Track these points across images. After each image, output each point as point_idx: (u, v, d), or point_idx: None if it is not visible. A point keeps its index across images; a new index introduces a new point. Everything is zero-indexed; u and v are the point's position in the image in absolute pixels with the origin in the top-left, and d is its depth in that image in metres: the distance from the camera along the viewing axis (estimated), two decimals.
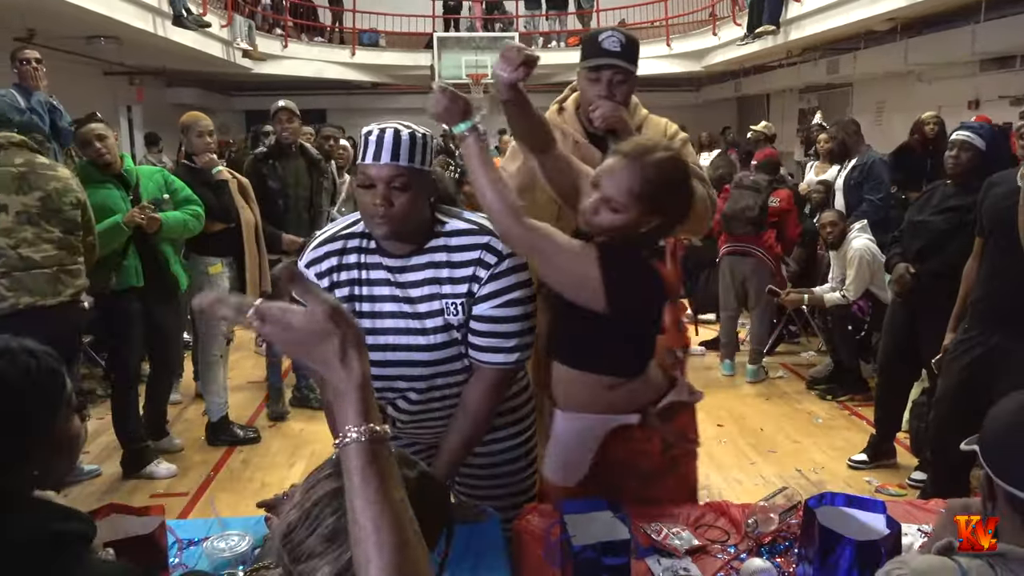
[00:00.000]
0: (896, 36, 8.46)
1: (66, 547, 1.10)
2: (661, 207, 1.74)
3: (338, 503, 0.99)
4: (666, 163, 1.74)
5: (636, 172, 1.72)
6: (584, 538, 1.58)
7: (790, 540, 1.79)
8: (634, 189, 1.71)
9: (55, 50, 8.04)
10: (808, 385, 5.28)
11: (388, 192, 1.72)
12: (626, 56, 2.21)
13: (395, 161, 1.72)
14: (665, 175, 1.74)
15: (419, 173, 1.76)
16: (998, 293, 2.91)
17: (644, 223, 1.75)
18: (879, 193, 5.26)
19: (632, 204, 1.72)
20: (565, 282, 1.77)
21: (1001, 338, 2.89)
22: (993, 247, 2.94)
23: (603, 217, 1.75)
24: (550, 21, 14.62)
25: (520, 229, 1.72)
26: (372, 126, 1.77)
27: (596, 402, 1.86)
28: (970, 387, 2.91)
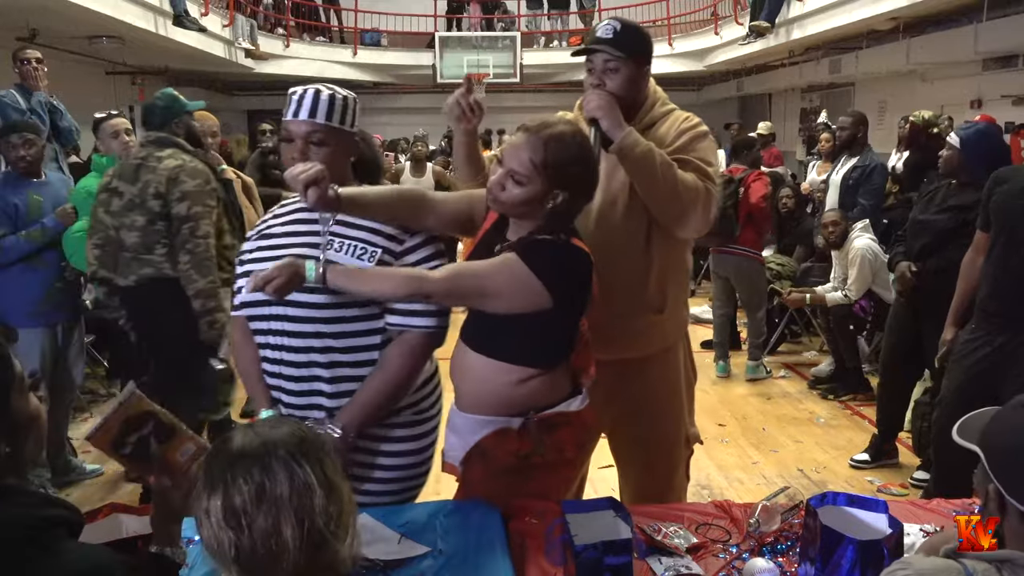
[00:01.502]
0: (898, 35, 8.45)
1: (44, 531, 1.14)
2: (563, 179, 1.76)
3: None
4: (565, 135, 1.78)
5: (536, 143, 1.75)
6: (586, 537, 1.58)
7: (792, 540, 1.79)
8: (535, 159, 1.74)
9: (57, 50, 8.05)
10: (810, 385, 5.28)
11: (305, 148, 1.81)
12: (618, 43, 2.15)
13: (312, 118, 1.81)
14: (564, 146, 1.76)
15: (337, 132, 1.84)
16: (1005, 292, 2.89)
17: (549, 196, 1.76)
18: (872, 200, 5.24)
19: (535, 175, 1.75)
20: (510, 299, 1.75)
21: (1007, 339, 2.87)
22: (1000, 245, 2.92)
23: (509, 192, 1.77)
24: (552, 21, 14.61)
25: (438, 287, 1.75)
26: (298, 87, 1.85)
27: (499, 397, 1.83)
28: (975, 388, 2.89)
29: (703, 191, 2.13)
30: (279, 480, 1.07)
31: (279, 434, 1.13)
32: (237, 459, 1.09)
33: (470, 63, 13.20)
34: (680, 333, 2.46)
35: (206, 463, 1.13)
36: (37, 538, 1.12)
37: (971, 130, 3.52)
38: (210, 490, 1.08)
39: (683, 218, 2.14)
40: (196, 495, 1.11)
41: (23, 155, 3.58)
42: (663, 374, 2.38)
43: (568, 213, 1.82)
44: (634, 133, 2.09)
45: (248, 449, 1.10)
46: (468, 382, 1.88)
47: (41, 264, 3.61)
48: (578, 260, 1.81)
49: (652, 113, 2.28)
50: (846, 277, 4.97)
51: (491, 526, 1.77)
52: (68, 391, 3.92)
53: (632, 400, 2.29)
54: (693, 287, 8.24)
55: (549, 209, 1.78)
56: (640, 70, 2.21)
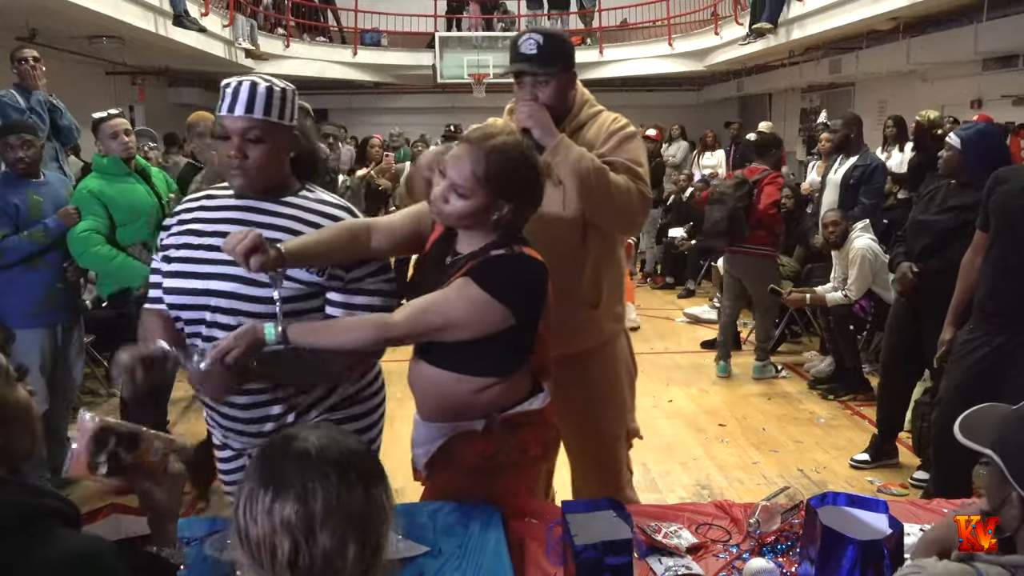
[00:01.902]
0: (898, 35, 8.45)
1: (37, 520, 1.14)
2: (506, 191, 1.74)
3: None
4: (507, 146, 1.75)
5: (478, 156, 1.72)
6: (586, 537, 1.58)
7: (792, 540, 1.79)
8: (477, 172, 1.71)
9: (57, 50, 8.05)
10: (810, 385, 5.28)
11: (243, 144, 1.74)
12: (542, 58, 2.20)
13: (249, 113, 1.73)
14: (506, 158, 1.74)
15: (275, 126, 1.76)
16: (1004, 292, 2.88)
17: (493, 209, 1.74)
18: (873, 199, 5.25)
19: (477, 188, 1.72)
20: (474, 328, 1.73)
21: (1006, 339, 2.86)
22: (999, 244, 2.91)
23: (452, 205, 1.74)
24: (552, 21, 14.60)
25: (402, 330, 1.73)
26: (231, 79, 1.77)
27: (459, 405, 1.82)
28: (974, 388, 2.86)
29: (635, 192, 2.21)
30: (356, 495, 1.03)
31: (353, 444, 1.09)
32: (314, 463, 1.03)
33: (470, 63, 13.19)
34: (618, 328, 2.50)
35: (266, 457, 1.07)
36: (29, 526, 1.13)
37: (971, 130, 3.53)
38: (277, 489, 1.02)
39: (617, 218, 2.23)
40: (248, 489, 1.04)
41: (21, 156, 3.58)
42: (602, 369, 2.42)
43: (516, 223, 1.80)
44: (566, 140, 2.17)
45: (327, 454, 1.04)
46: (427, 394, 1.87)
47: (42, 265, 3.61)
48: (535, 272, 1.79)
49: (580, 116, 2.33)
50: (846, 277, 4.97)
51: (491, 526, 1.77)
52: (68, 391, 3.92)
53: (572, 395, 2.27)
54: (693, 287, 8.25)
55: (495, 221, 1.76)
56: (568, 77, 2.27)
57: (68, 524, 1.20)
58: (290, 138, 1.82)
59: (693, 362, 5.94)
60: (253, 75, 1.77)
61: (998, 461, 1.28)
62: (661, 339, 6.63)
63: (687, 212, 8.52)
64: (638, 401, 5.07)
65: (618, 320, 2.50)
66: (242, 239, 1.62)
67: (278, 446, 1.08)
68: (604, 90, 15.06)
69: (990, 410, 1.44)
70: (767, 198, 5.33)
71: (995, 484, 1.31)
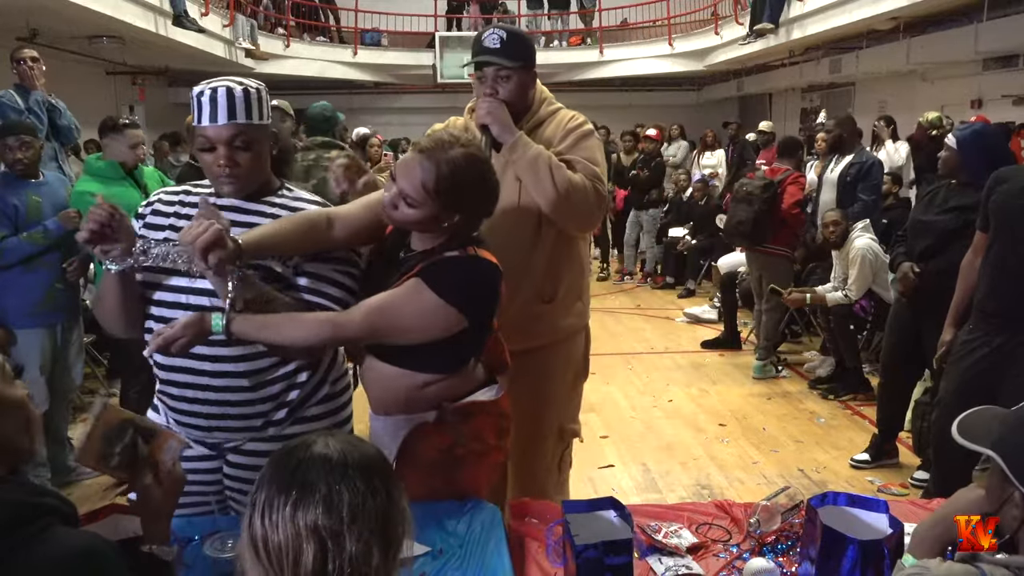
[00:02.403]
0: (899, 35, 8.46)
1: (35, 518, 1.14)
2: (457, 203, 1.72)
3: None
4: (459, 159, 1.71)
5: (428, 168, 1.70)
6: (586, 537, 1.58)
7: (792, 539, 1.79)
8: (427, 184, 1.69)
9: (58, 50, 8.06)
10: (810, 385, 5.28)
11: (231, 152, 1.72)
12: (506, 52, 2.21)
13: (233, 120, 1.70)
14: (458, 171, 1.71)
15: (259, 128, 1.76)
16: (1003, 292, 2.87)
17: (443, 218, 1.73)
18: (872, 195, 5.27)
19: (426, 199, 1.70)
20: (427, 331, 1.72)
21: (1006, 339, 2.85)
22: (999, 244, 2.90)
23: (401, 212, 1.73)
24: (552, 21, 14.61)
25: (356, 331, 1.72)
26: (202, 86, 1.73)
27: (407, 399, 1.82)
28: (973, 388, 2.86)
29: (591, 189, 2.22)
30: (380, 499, 1.02)
31: (371, 450, 1.08)
32: (338, 467, 1.02)
33: None
34: (575, 328, 2.48)
35: (283, 463, 1.04)
36: (28, 524, 1.13)
37: (967, 131, 3.53)
38: (301, 494, 0.99)
39: (572, 216, 2.24)
40: (265, 496, 1.01)
41: (20, 158, 3.59)
42: (547, 368, 2.41)
43: (467, 230, 1.79)
44: (524, 138, 2.18)
45: (350, 459, 1.03)
46: (377, 388, 1.87)
47: (41, 265, 3.61)
48: (487, 274, 1.78)
49: (539, 113, 2.35)
50: (846, 277, 4.97)
51: (492, 526, 1.77)
52: (68, 391, 3.92)
53: (518, 390, 2.19)
54: (693, 287, 8.24)
55: (446, 228, 1.75)
56: (529, 75, 2.29)
57: (66, 523, 1.20)
58: (270, 135, 1.82)
59: (693, 362, 5.94)
60: (222, 79, 1.74)
61: (999, 461, 1.28)
62: (661, 339, 6.63)
63: (687, 212, 8.52)
64: (638, 401, 5.15)
65: (577, 317, 2.48)
66: (202, 232, 1.57)
67: (296, 452, 1.06)
68: (604, 90, 15.08)
69: (988, 412, 1.44)
70: (790, 198, 5.34)
71: (996, 484, 1.31)
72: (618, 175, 8.93)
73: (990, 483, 1.35)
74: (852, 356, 5.01)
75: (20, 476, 1.28)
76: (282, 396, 1.84)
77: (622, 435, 4.49)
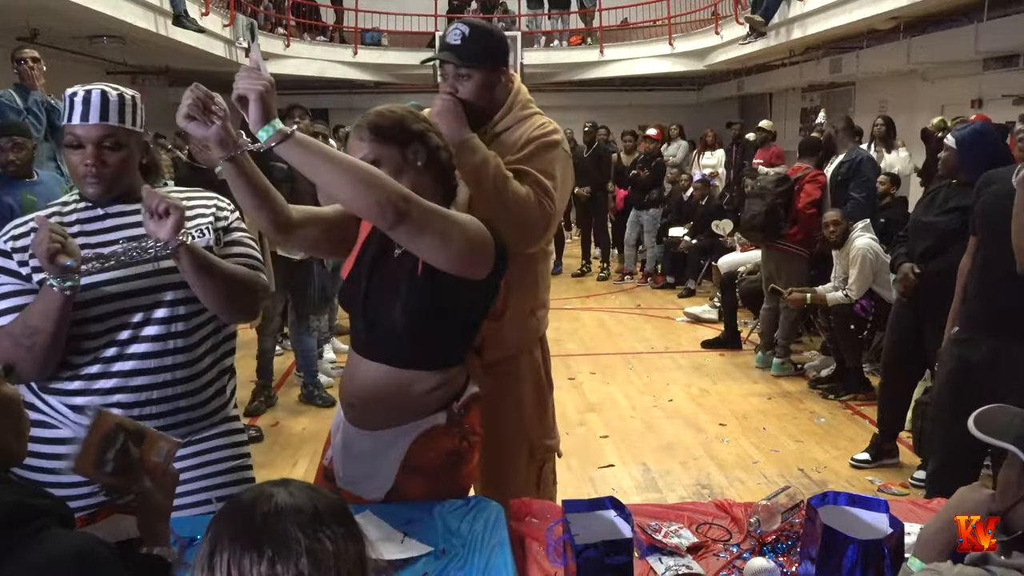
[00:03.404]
0: (899, 35, 8.45)
1: (30, 519, 1.15)
2: (406, 138, 1.75)
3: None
4: (392, 108, 1.79)
5: (363, 125, 1.75)
6: (586, 537, 1.58)
7: (793, 539, 1.79)
8: (364, 136, 1.73)
9: (58, 49, 8.06)
10: (811, 384, 5.28)
11: (100, 152, 1.75)
12: (463, 51, 2.11)
13: (104, 121, 1.75)
14: (393, 111, 1.77)
15: (130, 133, 1.80)
16: (991, 296, 2.81)
17: (405, 164, 1.74)
18: (863, 192, 5.26)
19: (377, 147, 1.73)
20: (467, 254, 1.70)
21: (995, 343, 2.79)
22: (986, 248, 2.84)
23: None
24: (552, 20, 14.61)
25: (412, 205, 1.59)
26: (76, 87, 1.76)
27: (412, 406, 1.79)
28: (963, 392, 2.79)
29: (534, 204, 2.09)
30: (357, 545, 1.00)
31: (333, 496, 1.04)
32: (314, 517, 0.97)
33: None
34: (527, 344, 2.38)
35: (242, 519, 0.98)
36: (23, 525, 1.13)
37: (966, 130, 3.51)
38: (278, 549, 0.94)
39: (512, 230, 2.04)
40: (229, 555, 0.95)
41: (12, 159, 3.62)
42: (501, 384, 2.26)
43: (447, 158, 1.81)
44: (473, 141, 2.07)
45: (322, 507, 0.99)
46: (383, 396, 1.78)
47: None
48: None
49: (508, 117, 2.22)
50: (847, 277, 4.97)
51: (495, 526, 1.77)
52: None
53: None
54: (693, 286, 8.24)
55: (425, 166, 1.75)
56: (495, 74, 2.16)
57: (62, 524, 1.20)
58: (142, 144, 1.86)
59: (694, 362, 5.94)
60: (99, 84, 1.78)
61: (1021, 457, 1.28)
62: (661, 339, 6.63)
63: (687, 212, 8.52)
64: (638, 400, 5.15)
65: (529, 335, 2.37)
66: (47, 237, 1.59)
67: (258, 505, 0.99)
68: (604, 90, 15.10)
69: (1003, 409, 1.45)
70: (806, 197, 5.33)
71: (1014, 480, 1.31)
72: (618, 175, 8.93)
73: (1006, 479, 1.35)
74: (852, 356, 5.01)
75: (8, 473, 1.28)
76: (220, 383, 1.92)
77: (622, 435, 4.49)
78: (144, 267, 1.77)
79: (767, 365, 5.61)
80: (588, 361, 5.97)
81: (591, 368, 5.77)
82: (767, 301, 5.63)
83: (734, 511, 1.94)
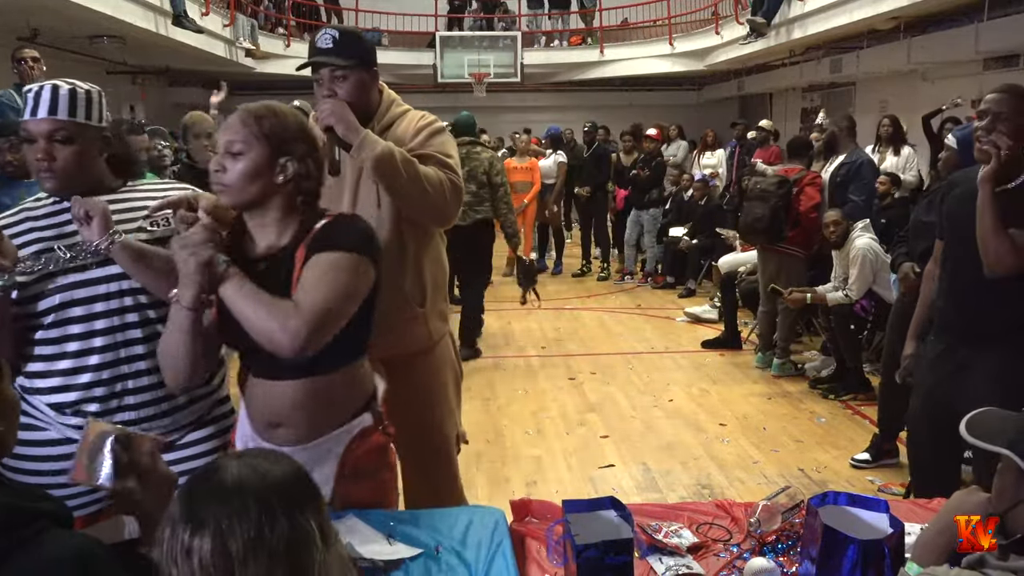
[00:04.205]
0: (899, 35, 8.45)
1: (30, 521, 1.15)
2: (283, 142, 1.68)
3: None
4: (274, 104, 1.74)
5: (247, 116, 1.68)
6: (587, 537, 1.58)
7: (793, 539, 1.79)
8: (248, 124, 1.66)
9: (58, 49, 8.06)
10: (811, 384, 5.28)
11: (49, 146, 1.77)
12: (339, 52, 2.18)
13: (52, 115, 1.76)
14: (276, 109, 1.72)
15: (83, 127, 1.80)
16: (960, 304, 2.68)
17: (276, 168, 1.68)
18: (863, 195, 5.24)
19: (251, 141, 1.66)
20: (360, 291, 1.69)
21: (967, 352, 2.66)
22: (953, 254, 2.71)
23: (231, 171, 1.66)
24: (552, 20, 14.61)
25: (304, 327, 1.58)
26: (33, 85, 1.80)
27: (336, 409, 1.78)
28: (941, 405, 2.67)
29: (446, 181, 2.21)
30: (280, 526, 0.97)
31: (279, 471, 1.03)
32: (233, 496, 0.98)
33: (471, 63, 13.20)
34: (444, 328, 2.50)
35: (188, 491, 1.02)
36: (22, 527, 1.14)
37: (967, 130, 3.49)
38: (194, 525, 0.96)
39: (428, 210, 2.22)
40: (169, 524, 0.98)
41: (9, 159, 3.63)
42: (429, 372, 2.40)
43: (310, 190, 1.73)
44: (371, 135, 2.14)
45: (247, 486, 0.99)
46: (307, 408, 1.75)
47: None
48: (366, 225, 1.79)
49: (388, 115, 2.32)
50: (847, 277, 4.97)
51: (496, 527, 1.77)
52: None
53: (400, 400, 2.15)
54: (693, 286, 8.24)
55: (284, 185, 1.69)
56: (369, 74, 2.25)
57: (60, 525, 1.20)
58: (100, 139, 1.86)
59: (694, 361, 5.94)
60: (57, 80, 1.81)
61: (1018, 461, 1.28)
62: (661, 339, 6.63)
63: (687, 212, 8.52)
64: (638, 400, 5.15)
65: (444, 319, 2.49)
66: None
67: (200, 479, 1.03)
68: (604, 90, 15.10)
69: (993, 412, 1.45)
70: (808, 200, 5.30)
71: (1010, 485, 1.31)
72: (618, 175, 8.93)
73: (1002, 484, 1.35)
74: (853, 356, 5.01)
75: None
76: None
77: (622, 435, 4.49)
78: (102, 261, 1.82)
79: (767, 365, 5.61)
80: (588, 361, 5.97)
81: (591, 368, 5.77)
82: (763, 304, 5.63)
83: (734, 511, 1.94)
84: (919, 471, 3.08)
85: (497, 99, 13.69)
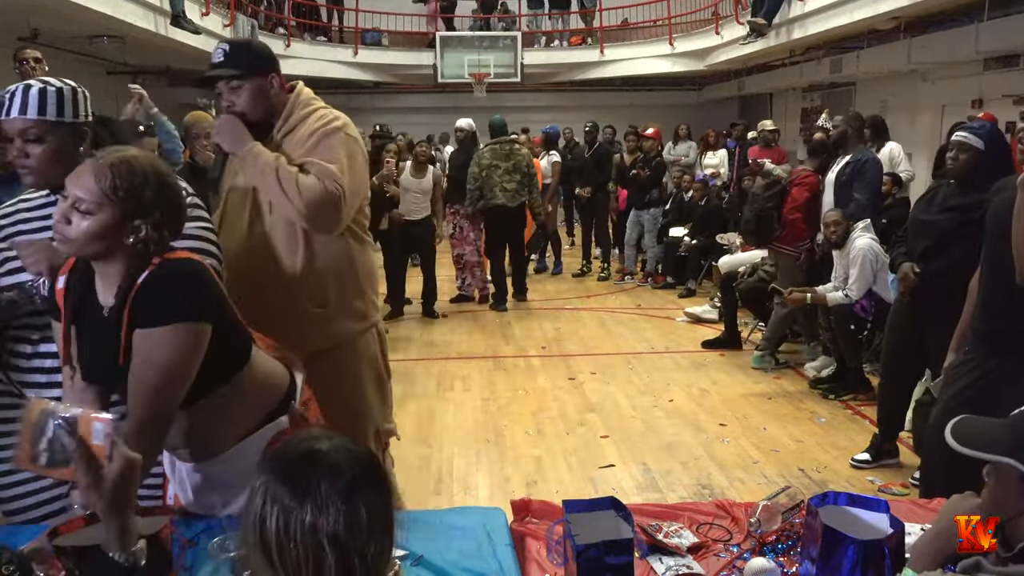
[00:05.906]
0: (900, 35, 8.45)
1: None
2: (138, 204, 1.56)
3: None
4: (135, 156, 1.60)
5: (101, 169, 1.55)
6: (587, 537, 1.58)
7: (793, 539, 1.79)
8: (101, 181, 1.53)
9: (59, 49, 8.06)
10: (811, 384, 5.28)
11: (23, 145, 1.83)
12: (230, 63, 2.26)
13: (23, 114, 1.82)
14: (134, 165, 1.57)
15: (54, 125, 1.84)
16: (992, 312, 2.68)
17: (127, 230, 1.56)
18: (866, 194, 5.23)
19: (103, 201, 1.53)
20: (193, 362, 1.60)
21: (996, 362, 2.64)
22: (989, 261, 2.70)
23: (75, 226, 1.54)
24: (553, 20, 14.60)
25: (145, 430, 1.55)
26: (11, 86, 1.86)
27: (238, 418, 1.76)
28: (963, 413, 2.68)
29: (322, 190, 2.23)
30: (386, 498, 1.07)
31: (363, 449, 1.11)
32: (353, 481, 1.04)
33: (471, 63, 13.20)
34: (358, 327, 2.52)
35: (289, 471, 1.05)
36: None
37: (986, 129, 3.35)
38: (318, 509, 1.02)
39: (309, 218, 2.25)
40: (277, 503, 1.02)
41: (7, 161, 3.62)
42: (336, 370, 2.42)
43: (154, 246, 1.60)
44: (254, 149, 2.23)
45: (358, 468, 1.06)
46: (214, 433, 1.74)
47: None
48: (189, 272, 1.63)
49: (293, 117, 2.37)
50: (847, 277, 4.97)
51: (497, 528, 1.77)
52: None
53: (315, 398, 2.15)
54: (693, 286, 8.24)
55: (132, 245, 1.57)
56: (265, 80, 2.32)
57: None
58: (76, 134, 1.89)
59: (694, 361, 5.94)
60: (32, 79, 1.85)
61: (1020, 468, 1.27)
62: (662, 339, 6.63)
63: (687, 212, 8.52)
64: (638, 400, 5.15)
65: (359, 318, 2.51)
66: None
67: (305, 460, 1.07)
68: (605, 90, 15.10)
69: (979, 420, 1.43)
70: (791, 201, 5.55)
71: (1012, 493, 1.30)
72: (621, 175, 8.93)
73: (1000, 494, 1.33)
74: (852, 356, 5.01)
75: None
76: None
77: (623, 435, 4.49)
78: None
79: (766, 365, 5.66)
80: (588, 361, 5.97)
81: (591, 368, 5.77)
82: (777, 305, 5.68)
83: (734, 511, 1.94)
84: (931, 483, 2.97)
85: (497, 99, 13.68)
